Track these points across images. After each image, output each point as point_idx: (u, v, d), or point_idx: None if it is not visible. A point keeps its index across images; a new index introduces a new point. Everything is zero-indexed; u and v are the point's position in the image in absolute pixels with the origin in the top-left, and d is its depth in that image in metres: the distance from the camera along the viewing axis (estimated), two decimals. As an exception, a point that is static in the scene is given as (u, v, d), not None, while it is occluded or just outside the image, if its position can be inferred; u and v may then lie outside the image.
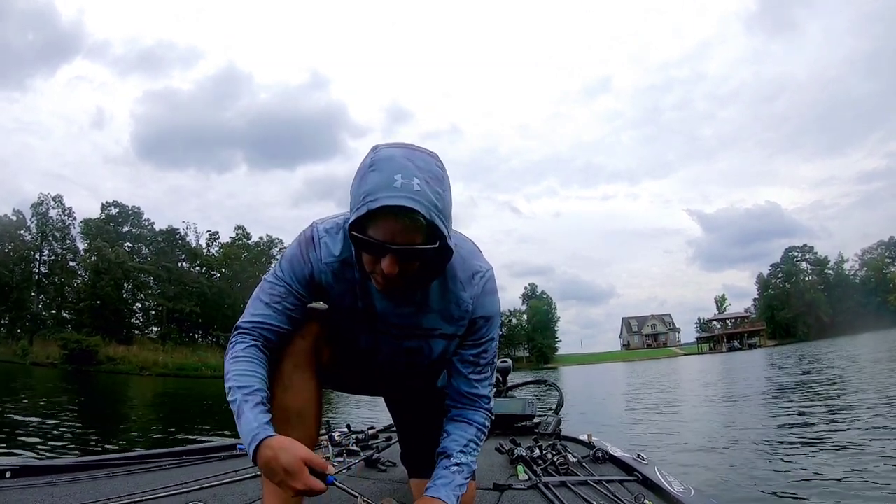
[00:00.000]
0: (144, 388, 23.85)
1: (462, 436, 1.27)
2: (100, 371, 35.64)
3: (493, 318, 1.27)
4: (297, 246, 1.22)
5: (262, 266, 55.68)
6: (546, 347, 71.89)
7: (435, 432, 1.34)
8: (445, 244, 1.04)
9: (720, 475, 4.28)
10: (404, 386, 1.49)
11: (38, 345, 39.31)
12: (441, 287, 1.20)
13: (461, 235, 1.29)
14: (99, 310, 44.26)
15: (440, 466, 1.23)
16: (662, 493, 1.84)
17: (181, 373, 39.56)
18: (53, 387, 18.09)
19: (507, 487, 1.97)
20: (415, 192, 0.96)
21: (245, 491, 1.94)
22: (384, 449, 2.77)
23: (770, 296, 72.38)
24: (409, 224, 0.98)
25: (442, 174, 1.03)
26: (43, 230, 47.21)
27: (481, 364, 1.30)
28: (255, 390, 1.09)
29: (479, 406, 1.32)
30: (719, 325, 79.45)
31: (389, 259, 1.01)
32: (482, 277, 1.24)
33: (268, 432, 1.02)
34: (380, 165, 0.99)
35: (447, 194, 1.04)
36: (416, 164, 0.99)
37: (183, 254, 54.66)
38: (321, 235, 1.20)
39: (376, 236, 1.00)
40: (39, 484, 1.93)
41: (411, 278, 1.08)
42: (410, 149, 1.03)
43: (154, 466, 2.34)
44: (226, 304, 52.43)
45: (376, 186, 0.97)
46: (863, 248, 71.30)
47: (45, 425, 7.87)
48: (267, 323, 1.20)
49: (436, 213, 0.99)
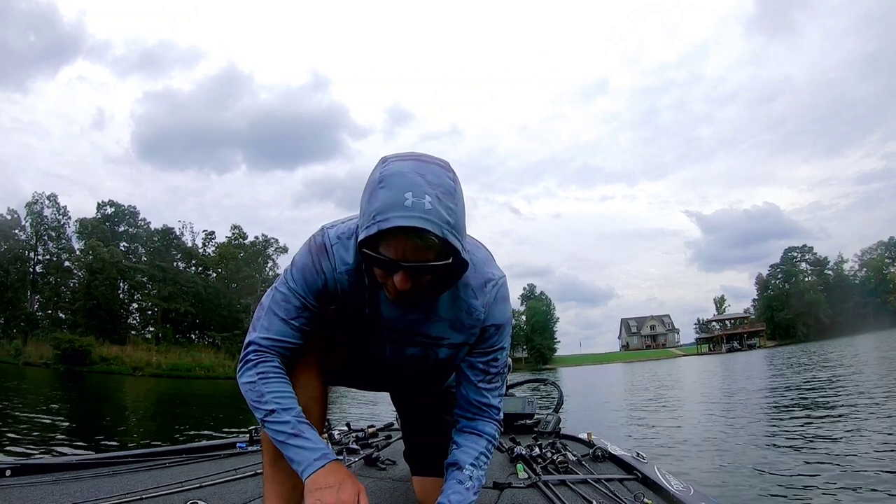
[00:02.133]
0: (134, 388, 23.52)
1: (473, 448, 1.25)
2: (92, 371, 35.37)
3: (504, 326, 1.25)
4: (308, 254, 1.16)
5: (257, 266, 55.57)
6: (544, 348, 71.70)
7: (439, 431, 1.34)
8: (459, 258, 1.01)
9: (720, 474, 4.29)
10: (409, 387, 1.49)
11: (32, 345, 39.01)
12: (451, 295, 1.17)
13: (475, 242, 1.26)
14: (93, 310, 43.94)
15: (452, 478, 1.20)
16: (662, 492, 1.84)
17: (174, 373, 39.33)
18: (36, 388, 17.84)
19: (507, 486, 1.97)
20: (426, 212, 0.93)
21: (245, 489, 1.94)
22: (384, 447, 2.77)
23: (770, 296, 72.24)
24: (421, 243, 0.96)
25: (454, 186, 1.00)
26: (37, 229, 46.77)
27: (491, 373, 1.27)
28: (300, 412, 1.13)
29: (489, 416, 1.29)
30: (719, 325, 79.40)
31: (402, 275, 0.99)
32: (495, 285, 1.21)
33: (333, 457, 1.09)
34: (389, 182, 0.95)
35: (460, 207, 1.00)
36: (427, 178, 0.96)
37: (178, 253, 54.29)
38: (333, 242, 1.15)
39: (388, 254, 0.97)
40: (39, 482, 1.93)
41: (424, 290, 1.07)
42: (420, 161, 0.99)
43: (154, 465, 2.34)
44: (221, 304, 52.25)
45: (386, 205, 0.94)
46: (862, 249, 71.19)
47: (27, 427, 7.80)
48: (285, 340, 1.18)
49: (448, 230, 0.96)
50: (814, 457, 4.58)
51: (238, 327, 50.95)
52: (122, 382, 28.27)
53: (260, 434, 1.33)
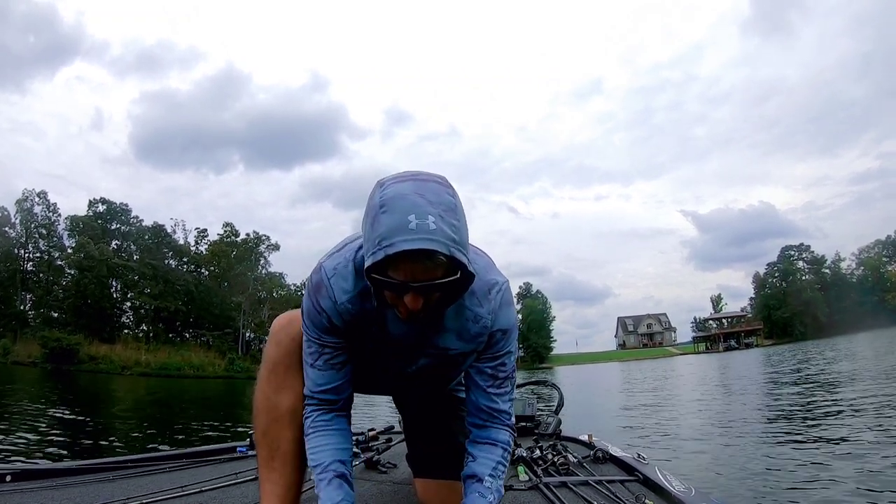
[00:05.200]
0: (121, 387, 23.15)
1: (490, 458, 1.25)
2: (80, 370, 35.09)
3: (510, 330, 1.25)
4: (307, 298, 1.19)
5: (249, 263, 55.10)
6: (541, 347, 71.56)
7: (443, 433, 1.34)
8: (466, 271, 1.02)
9: (721, 475, 4.29)
10: (414, 391, 1.49)
11: (22, 344, 38.66)
12: (456, 305, 1.17)
13: (475, 249, 1.26)
14: (83, 308, 43.64)
15: (472, 492, 1.20)
16: (663, 493, 1.84)
17: (163, 372, 39.23)
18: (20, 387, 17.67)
19: (508, 488, 1.97)
20: (430, 232, 0.94)
21: (245, 494, 1.93)
22: (384, 450, 2.76)
23: (767, 295, 72.32)
24: (430, 264, 0.96)
25: (454, 202, 1.00)
26: (27, 227, 46.27)
27: (500, 377, 1.27)
28: (327, 466, 1.18)
29: (501, 423, 1.29)
30: (716, 324, 79.62)
31: (412, 296, 1.00)
32: (499, 291, 1.22)
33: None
34: (391, 206, 0.95)
35: (462, 222, 1.00)
36: (428, 198, 0.96)
37: (170, 251, 53.82)
38: (330, 276, 1.16)
39: (396, 277, 0.98)
40: (39, 488, 1.92)
41: (434, 306, 1.08)
42: (418, 180, 1.00)
43: (154, 469, 2.34)
44: (213, 302, 51.89)
45: (390, 230, 0.94)
46: (860, 247, 71.56)
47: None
48: (320, 385, 1.22)
49: (454, 247, 0.96)
50: (814, 456, 4.60)
51: (229, 325, 51.05)
52: (108, 381, 27.73)
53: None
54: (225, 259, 54.77)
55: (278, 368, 1.27)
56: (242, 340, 51.63)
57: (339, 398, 1.24)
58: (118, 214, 52.45)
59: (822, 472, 4.02)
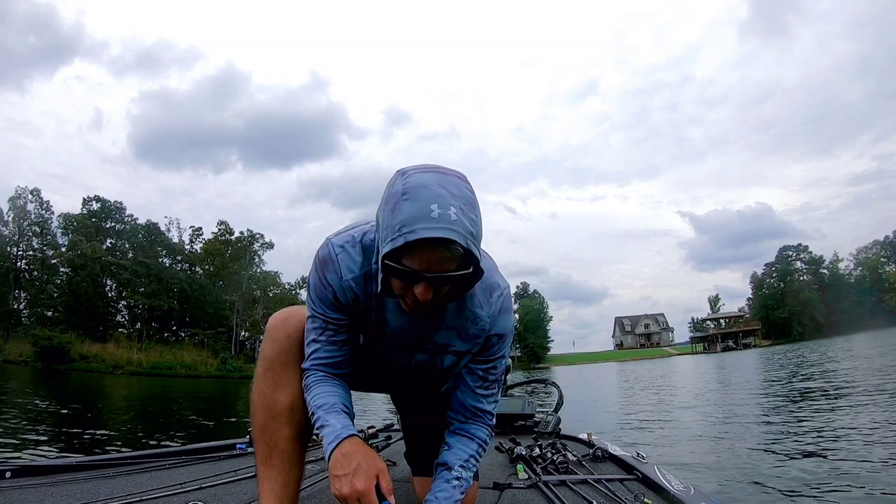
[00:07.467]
0: (110, 387, 22.74)
1: (464, 450, 1.27)
2: (71, 369, 34.68)
3: (506, 335, 1.27)
4: (314, 272, 1.19)
5: (244, 262, 54.75)
6: (538, 347, 71.61)
7: (440, 432, 1.34)
8: (478, 267, 1.03)
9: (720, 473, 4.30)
10: (411, 389, 1.50)
11: (14, 342, 38.20)
12: (457, 304, 1.18)
13: (482, 251, 1.29)
14: (75, 307, 43.19)
15: (440, 478, 1.22)
16: (662, 492, 1.85)
17: (155, 371, 38.98)
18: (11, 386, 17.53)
19: (508, 486, 1.98)
20: (452, 223, 0.94)
21: (245, 491, 1.94)
22: (384, 448, 2.77)
23: (765, 295, 72.46)
24: (447, 254, 0.97)
25: (473, 198, 1.02)
26: (20, 224, 45.68)
27: (489, 380, 1.30)
28: (333, 404, 1.16)
29: (483, 422, 1.31)
30: (713, 324, 79.72)
31: (424, 286, 1.00)
32: (500, 296, 1.23)
33: (353, 431, 1.11)
34: (413, 194, 0.96)
35: (479, 218, 1.02)
36: (450, 190, 0.97)
37: (163, 249, 53.28)
38: (338, 252, 1.17)
39: (411, 265, 0.98)
40: (39, 484, 1.92)
41: (440, 300, 1.08)
42: (440, 173, 1.01)
43: (153, 466, 2.33)
44: (207, 300, 51.57)
45: (412, 217, 0.95)
46: (858, 248, 71.77)
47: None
48: (321, 357, 1.22)
49: (471, 241, 0.97)
50: (814, 455, 4.61)
51: (223, 324, 50.63)
52: (99, 381, 27.28)
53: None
54: (219, 258, 54.46)
55: (275, 365, 1.26)
56: (236, 340, 51.34)
57: (340, 371, 1.23)
58: (112, 212, 51.99)
59: (821, 471, 4.03)
